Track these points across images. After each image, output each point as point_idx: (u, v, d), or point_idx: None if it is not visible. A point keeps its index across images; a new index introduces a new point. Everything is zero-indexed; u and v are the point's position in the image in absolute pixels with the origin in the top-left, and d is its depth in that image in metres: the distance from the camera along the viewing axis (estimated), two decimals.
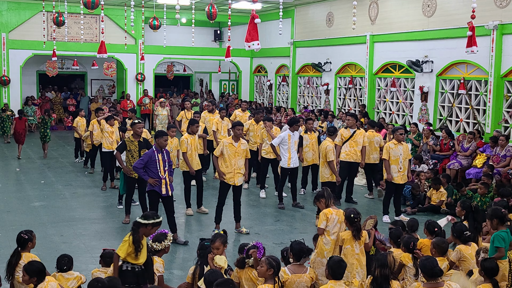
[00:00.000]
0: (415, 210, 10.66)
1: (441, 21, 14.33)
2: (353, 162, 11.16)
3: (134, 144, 9.42)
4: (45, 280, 4.97)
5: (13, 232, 8.35)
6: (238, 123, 9.06)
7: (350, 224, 5.96)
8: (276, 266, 4.93)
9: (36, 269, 4.97)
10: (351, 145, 11.11)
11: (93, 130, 13.13)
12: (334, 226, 6.12)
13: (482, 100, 13.50)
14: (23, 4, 20.42)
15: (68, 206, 10.63)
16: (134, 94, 22.38)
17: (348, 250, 5.90)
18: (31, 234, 5.74)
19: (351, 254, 5.89)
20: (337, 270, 4.98)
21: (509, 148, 11.80)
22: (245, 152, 9.01)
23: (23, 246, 5.68)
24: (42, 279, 4.98)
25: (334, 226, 6.12)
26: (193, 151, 9.96)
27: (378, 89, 16.93)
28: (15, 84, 20.63)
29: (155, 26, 16.57)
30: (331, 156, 9.92)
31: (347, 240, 5.92)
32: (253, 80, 24.35)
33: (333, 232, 6.11)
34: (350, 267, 5.82)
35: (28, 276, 4.94)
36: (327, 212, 6.17)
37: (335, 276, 4.98)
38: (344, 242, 5.92)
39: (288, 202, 10.97)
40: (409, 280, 5.75)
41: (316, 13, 19.50)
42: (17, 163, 15.20)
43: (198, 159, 10.16)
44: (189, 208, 10.20)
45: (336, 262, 5.04)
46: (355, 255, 5.90)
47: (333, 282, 4.96)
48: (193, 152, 9.96)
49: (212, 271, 4.97)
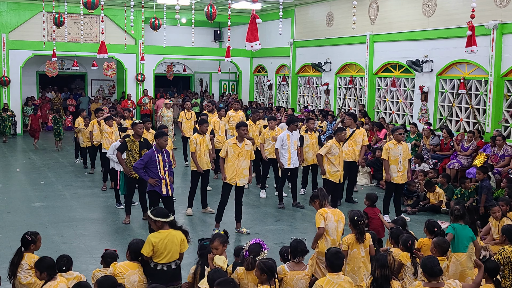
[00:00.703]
0: (415, 210, 10.66)
1: (441, 20, 14.33)
2: (353, 162, 11.14)
3: (135, 144, 9.43)
4: (57, 280, 5.02)
5: (13, 232, 8.37)
6: (242, 124, 9.01)
7: (353, 226, 5.93)
8: (268, 270, 4.90)
9: (45, 265, 5.07)
10: (350, 144, 11.08)
11: (92, 131, 13.13)
12: (331, 225, 6.09)
13: (482, 99, 13.50)
14: (23, 5, 20.42)
15: (68, 207, 10.63)
16: (134, 94, 22.39)
17: (354, 253, 5.86)
18: (36, 237, 5.75)
19: (357, 258, 5.87)
20: (335, 262, 5.00)
21: (507, 147, 11.81)
22: (249, 153, 8.94)
23: (26, 247, 5.69)
24: (53, 274, 5.07)
25: (331, 225, 6.09)
26: (202, 151, 9.85)
27: (378, 89, 16.93)
28: (15, 84, 20.63)
29: (155, 26, 16.57)
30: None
31: (353, 244, 5.88)
32: (253, 80, 24.36)
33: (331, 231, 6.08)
34: (358, 270, 5.82)
35: (39, 272, 5.06)
36: (322, 211, 6.14)
37: (333, 268, 5.00)
38: (350, 246, 5.87)
39: (288, 202, 10.97)
40: (408, 279, 5.76)
41: (316, 13, 19.50)
42: (17, 163, 15.21)
43: (208, 159, 10.03)
44: (190, 208, 10.18)
45: (334, 253, 5.06)
46: (361, 258, 5.88)
47: (331, 275, 4.98)
48: (202, 152, 9.86)
49: (215, 270, 4.98)
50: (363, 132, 11.26)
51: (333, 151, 9.82)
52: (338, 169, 9.90)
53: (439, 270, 4.82)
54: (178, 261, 5.52)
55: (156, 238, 5.36)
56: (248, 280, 5.28)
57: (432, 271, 4.79)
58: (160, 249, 5.34)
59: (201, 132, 9.89)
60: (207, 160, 10.00)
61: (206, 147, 9.93)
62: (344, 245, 5.88)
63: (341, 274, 5.03)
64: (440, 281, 4.87)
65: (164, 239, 5.37)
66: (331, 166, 9.88)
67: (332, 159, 9.83)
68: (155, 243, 5.32)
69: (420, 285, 4.95)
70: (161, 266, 5.37)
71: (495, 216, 7.62)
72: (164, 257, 5.36)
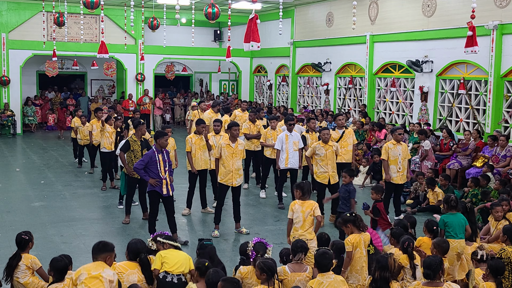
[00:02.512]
0: (415, 210, 10.66)
1: (441, 21, 14.33)
2: (346, 163, 10.97)
3: (137, 143, 9.45)
4: (64, 282, 5.08)
5: (13, 232, 8.35)
6: (234, 124, 9.00)
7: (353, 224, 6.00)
8: (268, 269, 4.90)
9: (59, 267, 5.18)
10: (341, 145, 10.92)
11: (92, 130, 13.12)
12: (297, 217, 6.62)
13: (482, 100, 13.50)
14: (23, 4, 20.42)
15: (68, 206, 10.62)
16: (134, 94, 22.39)
17: (357, 253, 5.87)
18: (31, 235, 5.75)
19: (360, 257, 5.88)
20: (321, 262, 5.06)
21: (509, 148, 11.80)
22: (243, 153, 9.02)
23: (24, 247, 5.69)
24: (62, 278, 5.13)
25: (297, 217, 6.62)
26: (198, 151, 9.86)
27: (378, 89, 16.93)
28: (15, 84, 20.63)
29: (153, 26, 16.56)
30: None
31: (357, 244, 5.88)
32: (253, 80, 24.36)
33: (296, 222, 6.62)
34: (361, 270, 5.85)
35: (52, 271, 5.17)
36: (292, 204, 6.72)
37: (321, 269, 5.05)
38: (354, 246, 5.88)
39: (288, 202, 10.94)
40: (408, 281, 5.75)
41: (316, 13, 19.50)
42: (17, 163, 15.21)
43: (206, 158, 10.00)
44: (187, 208, 10.16)
45: (321, 254, 5.12)
46: (363, 258, 5.90)
47: (320, 275, 5.02)
48: (198, 152, 9.87)
49: (215, 271, 4.98)
50: (351, 131, 11.12)
51: (318, 152, 9.52)
52: (325, 170, 9.54)
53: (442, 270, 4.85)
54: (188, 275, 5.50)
55: (165, 252, 5.57)
56: (253, 279, 5.30)
57: (436, 270, 4.81)
58: (170, 257, 5.47)
59: (197, 132, 9.87)
60: (205, 160, 9.98)
61: (203, 147, 9.90)
62: (348, 245, 5.86)
63: (331, 274, 5.06)
64: (440, 281, 4.87)
65: (172, 252, 5.57)
66: (318, 167, 9.60)
67: (319, 160, 9.56)
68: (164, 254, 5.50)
69: (419, 285, 4.96)
70: (171, 278, 5.39)
71: (496, 216, 7.61)
72: (173, 266, 5.42)
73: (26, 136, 20.27)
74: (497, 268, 5.29)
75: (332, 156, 9.60)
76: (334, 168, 9.64)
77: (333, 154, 9.63)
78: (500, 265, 5.33)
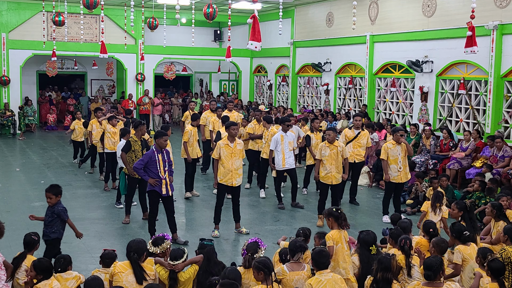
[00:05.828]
0: (415, 210, 10.65)
1: (441, 21, 14.33)
2: (358, 163, 10.99)
3: (138, 143, 9.46)
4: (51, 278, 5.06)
5: (13, 232, 8.35)
6: (232, 123, 8.94)
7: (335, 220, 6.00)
8: (264, 266, 4.89)
9: (44, 267, 5.13)
10: (354, 146, 11.01)
11: (92, 130, 13.11)
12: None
13: (482, 100, 13.50)
14: (23, 4, 20.42)
15: (68, 206, 10.42)
16: (134, 94, 22.39)
17: (339, 248, 5.91)
18: (39, 236, 5.79)
19: (342, 252, 5.90)
20: (319, 260, 5.07)
21: (506, 148, 11.81)
22: (242, 152, 8.98)
23: (31, 248, 5.70)
24: (48, 277, 5.10)
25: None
26: (194, 141, 11.31)
27: (378, 89, 16.93)
28: (15, 84, 20.63)
29: (152, 26, 16.55)
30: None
31: (338, 239, 5.92)
32: (253, 80, 24.35)
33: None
34: (344, 264, 5.86)
35: (35, 272, 5.09)
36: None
37: (318, 266, 5.06)
38: (336, 241, 5.92)
39: (287, 202, 10.97)
40: (406, 281, 5.76)
41: (316, 13, 19.50)
42: (17, 163, 15.21)
43: (198, 149, 11.53)
44: (188, 192, 11.36)
45: (317, 252, 5.13)
46: (345, 252, 5.92)
47: (318, 273, 5.03)
48: (194, 142, 11.30)
49: (232, 269, 5.00)
50: (367, 133, 11.23)
51: (323, 152, 9.53)
52: (328, 170, 9.52)
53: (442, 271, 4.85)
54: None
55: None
56: (248, 279, 5.30)
57: (437, 271, 4.81)
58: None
59: (194, 125, 11.47)
60: (198, 150, 11.43)
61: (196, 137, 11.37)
62: (329, 240, 5.90)
63: (329, 272, 5.08)
64: (440, 281, 4.87)
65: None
66: (322, 167, 9.60)
67: (323, 160, 9.56)
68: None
69: (419, 285, 4.96)
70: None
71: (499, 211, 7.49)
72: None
73: (26, 136, 20.25)
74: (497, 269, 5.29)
75: (336, 156, 9.56)
76: (337, 169, 9.61)
77: (338, 155, 9.58)
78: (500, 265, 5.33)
